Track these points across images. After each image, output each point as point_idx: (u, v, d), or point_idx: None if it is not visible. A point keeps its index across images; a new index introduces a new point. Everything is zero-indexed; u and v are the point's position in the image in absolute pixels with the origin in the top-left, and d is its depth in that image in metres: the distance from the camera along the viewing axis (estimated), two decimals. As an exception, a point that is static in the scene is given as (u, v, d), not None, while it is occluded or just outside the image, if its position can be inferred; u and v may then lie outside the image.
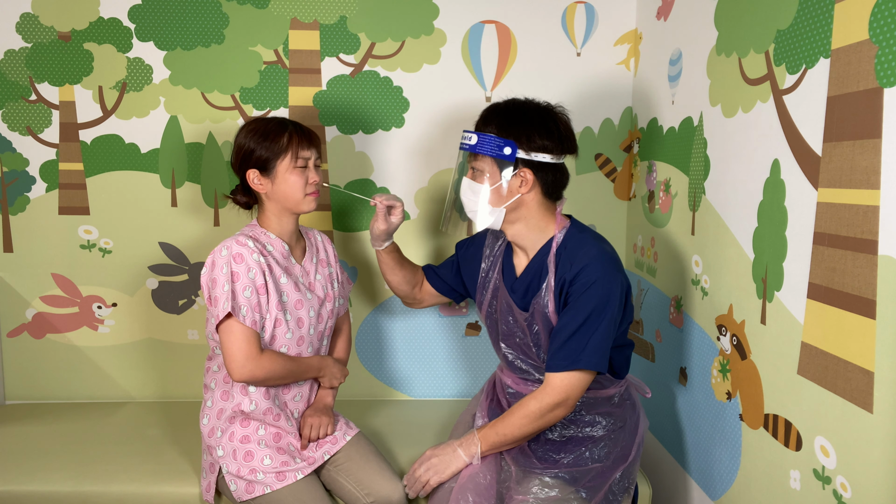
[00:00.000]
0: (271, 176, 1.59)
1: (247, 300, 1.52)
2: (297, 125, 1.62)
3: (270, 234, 1.63)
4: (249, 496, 1.56)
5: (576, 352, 1.45)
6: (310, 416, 1.70)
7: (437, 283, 1.84)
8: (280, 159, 1.58)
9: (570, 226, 1.57)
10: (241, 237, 1.57)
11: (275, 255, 1.62)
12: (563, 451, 1.57)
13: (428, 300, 1.87)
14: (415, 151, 2.17)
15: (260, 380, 1.55)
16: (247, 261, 1.53)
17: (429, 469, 1.55)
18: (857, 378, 1.09)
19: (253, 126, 1.61)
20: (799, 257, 1.24)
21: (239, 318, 1.51)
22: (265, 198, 1.62)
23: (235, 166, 1.63)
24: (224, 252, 1.53)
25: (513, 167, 1.49)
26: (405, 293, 1.84)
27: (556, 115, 1.53)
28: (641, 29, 2.09)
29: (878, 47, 1.02)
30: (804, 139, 1.22)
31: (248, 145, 1.59)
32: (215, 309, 1.51)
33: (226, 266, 1.52)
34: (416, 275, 1.84)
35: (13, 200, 2.14)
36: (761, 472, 1.40)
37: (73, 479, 1.72)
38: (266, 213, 1.64)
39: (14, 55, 2.07)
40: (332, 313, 1.74)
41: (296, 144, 1.58)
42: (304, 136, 1.61)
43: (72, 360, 2.23)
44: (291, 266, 1.64)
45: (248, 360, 1.52)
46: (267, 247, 1.61)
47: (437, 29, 2.11)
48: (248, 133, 1.60)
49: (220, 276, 1.52)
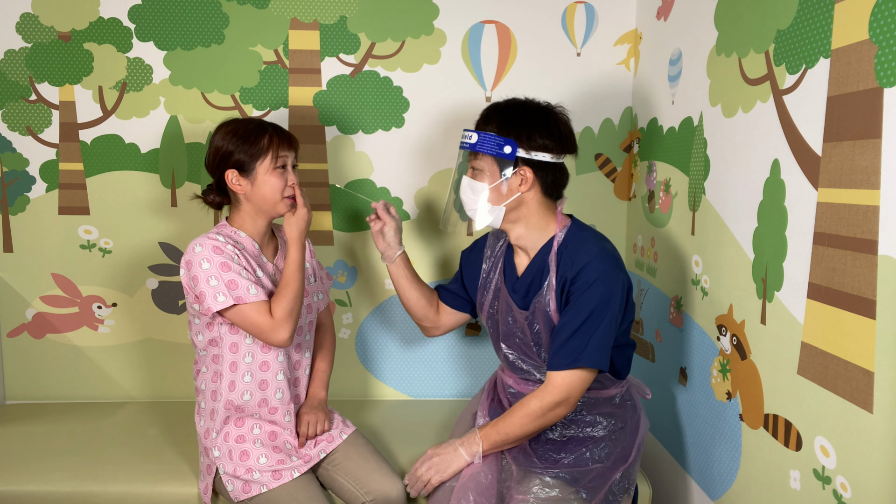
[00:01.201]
0: (250, 177, 1.57)
1: (247, 280, 1.52)
2: (276, 127, 1.61)
3: (241, 234, 1.62)
4: (246, 496, 1.56)
5: (577, 350, 1.45)
6: (305, 413, 1.70)
7: (450, 298, 1.80)
8: (260, 161, 1.56)
9: (571, 224, 1.57)
10: (212, 234, 1.57)
11: (247, 251, 1.61)
12: (564, 451, 1.57)
13: (447, 321, 1.82)
14: (415, 151, 2.17)
15: (295, 323, 1.54)
16: (225, 251, 1.53)
17: (430, 468, 1.55)
18: (857, 378, 1.09)
19: (231, 127, 1.59)
20: (799, 257, 1.24)
21: (249, 299, 1.50)
22: (243, 199, 1.61)
23: (212, 167, 1.61)
24: (199, 249, 1.52)
25: (513, 166, 1.49)
26: (423, 312, 1.78)
27: (556, 115, 1.53)
28: (641, 29, 2.09)
29: (878, 47, 1.02)
30: (804, 139, 1.22)
31: (227, 147, 1.57)
32: (205, 304, 1.51)
33: (206, 262, 1.51)
34: (433, 293, 1.81)
35: (13, 200, 2.14)
36: (761, 472, 1.40)
37: (73, 479, 1.72)
38: (241, 213, 1.63)
39: (14, 55, 2.07)
40: (309, 308, 1.73)
41: (276, 146, 1.57)
42: (284, 137, 1.60)
43: (72, 360, 2.23)
44: (264, 264, 1.64)
45: (275, 326, 1.52)
46: (238, 243, 1.60)
47: (437, 29, 2.11)
48: (227, 134, 1.58)
49: (202, 273, 1.51)
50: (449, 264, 2.24)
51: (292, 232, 1.60)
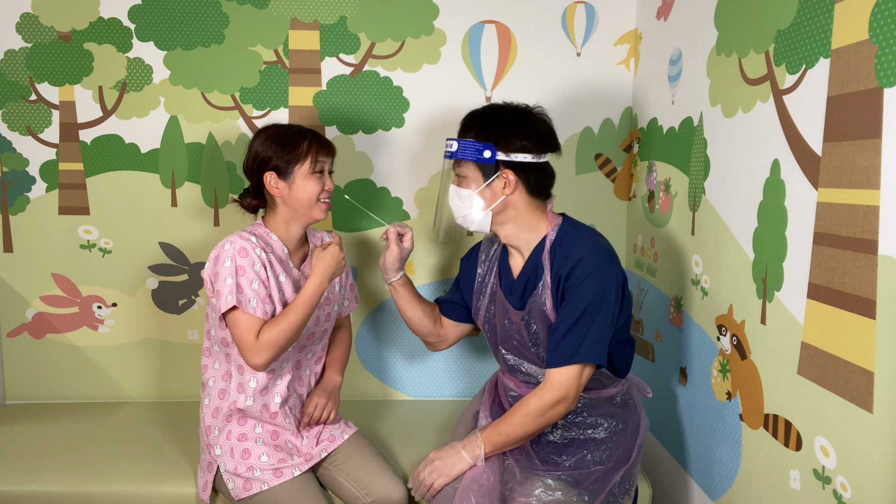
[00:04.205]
0: (288, 181, 1.59)
1: (254, 292, 1.52)
2: (315, 133, 1.64)
3: (273, 236, 1.64)
4: (247, 493, 1.57)
5: (574, 345, 1.45)
6: (316, 394, 1.71)
7: (451, 310, 1.80)
8: (299, 165, 1.59)
9: (562, 223, 1.58)
10: (244, 233, 1.58)
11: (275, 253, 1.62)
12: (565, 453, 1.57)
13: (451, 333, 1.81)
14: (415, 151, 2.17)
15: (277, 354, 1.52)
16: (251, 255, 1.54)
17: (433, 472, 1.55)
18: (857, 378, 1.09)
19: (271, 132, 1.62)
20: (799, 257, 1.24)
21: (248, 309, 1.51)
22: (280, 202, 1.62)
23: (250, 171, 1.63)
24: (228, 247, 1.54)
25: (494, 170, 1.51)
26: (427, 329, 1.78)
27: (534, 116, 1.54)
28: (641, 29, 2.09)
29: (878, 47, 1.02)
30: (804, 139, 1.22)
31: (267, 152, 1.59)
32: (218, 302, 1.52)
33: (229, 260, 1.52)
34: (435, 309, 1.80)
35: (13, 200, 2.14)
36: (761, 472, 1.40)
37: (73, 479, 1.72)
38: (276, 216, 1.64)
39: (14, 55, 2.07)
40: (328, 317, 1.74)
41: (315, 151, 1.60)
42: (323, 144, 1.63)
43: (72, 360, 2.23)
44: (290, 269, 1.65)
45: (255, 348, 1.51)
46: (269, 245, 1.61)
47: (437, 29, 2.11)
48: (267, 139, 1.61)
49: (223, 271, 1.52)
50: (450, 264, 2.24)
51: (318, 265, 1.59)
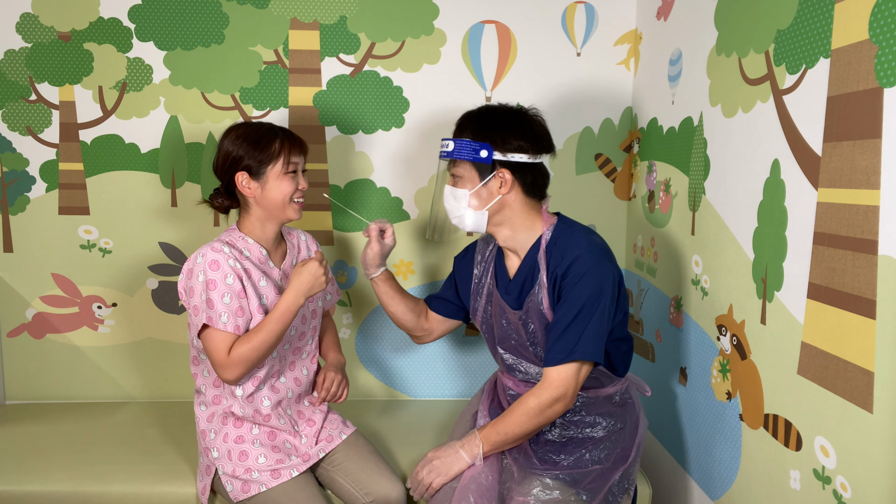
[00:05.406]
0: (261, 181, 1.57)
1: (226, 306, 1.51)
2: (287, 131, 1.61)
3: (248, 240, 1.61)
4: (245, 495, 1.57)
5: (571, 343, 1.45)
6: (330, 370, 1.73)
7: (442, 306, 1.80)
8: (272, 165, 1.56)
9: (558, 222, 1.58)
10: (217, 243, 1.55)
11: (252, 259, 1.60)
12: (563, 452, 1.57)
13: (436, 328, 1.82)
14: (415, 151, 2.17)
15: (248, 369, 1.52)
16: (223, 267, 1.51)
17: (431, 471, 1.55)
18: (857, 378, 1.09)
19: (241, 131, 1.58)
20: (799, 257, 1.24)
21: (219, 325, 1.50)
22: (252, 202, 1.60)
23: (221, 170, 1.60)
24: (199, 259, 1.52)
25: (491, 169, 1.51)
26: (412, 324, 1.79)
27: (529, 117, 1.55)
28: (641, 29, 2.09)
29: (878, 47, 1.02)
30: (804, 139, 1.22)
31: (238, 151, 1.56)
32: (196, 318, 1.52)
33: (201, 274, 1.51)
34: (419, 303, 1.81)
35: (13, 200, 2.14)
36: (761, 472, 1.40)
37: (73, 479, 1.72)
38: (250, 217, 1.62)
39: (14, 55, 2.07)
40: (314, 314, 1.74)
41: (287, 150, 1.57)
42: (295, 143, 1.60)
43: (72, 360, 2.23)
44: (270, 270, 1.63)
45: (226, 364, 1.51)
46: (244, 252, 1.59)
47: (437, 29, 2.11)
48: (237, 138, 1.57)
49: (197, 285, 1.51)
50: (448, 264, 2.24)
51: (295, 281, 1.54)
